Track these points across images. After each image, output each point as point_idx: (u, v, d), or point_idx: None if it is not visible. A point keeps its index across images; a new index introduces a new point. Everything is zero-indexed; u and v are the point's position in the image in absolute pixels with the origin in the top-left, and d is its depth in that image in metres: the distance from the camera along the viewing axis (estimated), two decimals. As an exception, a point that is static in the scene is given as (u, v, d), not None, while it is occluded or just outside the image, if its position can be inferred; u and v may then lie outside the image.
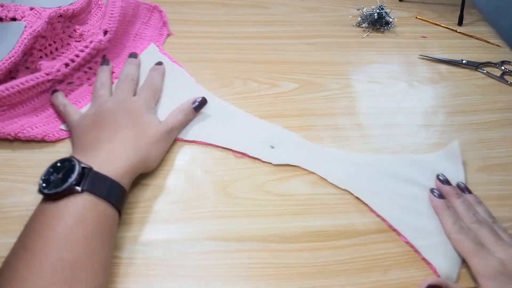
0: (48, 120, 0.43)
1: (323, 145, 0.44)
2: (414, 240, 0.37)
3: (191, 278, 0.34)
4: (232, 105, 0.46)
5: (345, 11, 0.61)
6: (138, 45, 0.50)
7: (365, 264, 0.36)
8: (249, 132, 0.44)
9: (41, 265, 0.28)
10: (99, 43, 0.46)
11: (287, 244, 0.37)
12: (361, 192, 0.40)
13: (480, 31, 0.61)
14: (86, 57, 0.45)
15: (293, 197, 0.40)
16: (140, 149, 0.37)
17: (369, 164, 0.42)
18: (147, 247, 0.35)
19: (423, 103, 0.50)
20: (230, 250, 0.36)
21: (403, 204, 0.39)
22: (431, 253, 0.36)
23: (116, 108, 0.39)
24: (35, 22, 0.44)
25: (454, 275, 0.35)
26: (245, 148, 0.42)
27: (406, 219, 0.38)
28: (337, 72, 0.52)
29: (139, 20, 0.52)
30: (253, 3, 0.61)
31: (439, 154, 0.44)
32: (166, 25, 0.53)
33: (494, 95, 0.52)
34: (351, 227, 0.38)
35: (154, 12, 0.54)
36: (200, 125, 0.44)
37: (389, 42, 0.58)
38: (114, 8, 0.48)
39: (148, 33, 0.52)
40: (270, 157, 0.42)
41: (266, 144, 0.43)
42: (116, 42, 0.49)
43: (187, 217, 0.38)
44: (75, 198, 0.31)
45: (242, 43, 0.54)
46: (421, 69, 0.54)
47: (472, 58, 0.56)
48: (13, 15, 0.45)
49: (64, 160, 0.33)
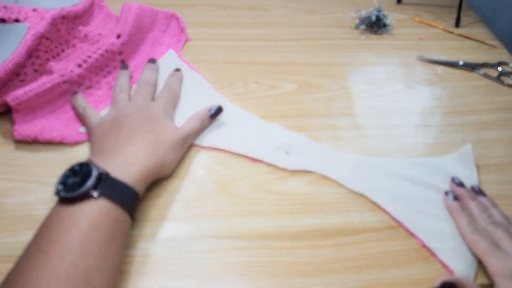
0: (67, 123, 0.43)
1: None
2: (430, 243, 0.37)
3: (192, 276, 0.34)
4: (247, 111, 0.46)
5: (343, 13, 0.62)
6: (156, 51, 0.51)
7: (364, 262, 0.36)
8: (264, 138, 0.44)
9: (56, 269, 0.28)
10: (112, 45, 0.46)
11: (287, 242, 0.37)
12: (377, 195, 0.40)
13: (477, 33, 0.61)
14: (100, 59, 0.46)
15: (292, 196, 0.40)
16: (156, 155, 0.37)
17: (384, 168, 0.42)
18: (148, 245, 0.36)
19: (420, 103, 0.51)
20: (231, 248, 0.36)
21: (419, 207, 0.40)
22: (447, 256, 0.36)
23: (135, 113, 0.40)
24: (38, 24, 0.44)
25: (470, 277, 0.36)
26: (261, 154, 0.42)
27: (421, 222, 0.39)
28: (336, 74, 0.53)
29: (157, 27, 0.53)
30: (253, 6, 0.61)
31: (452, 157, 0.44)
32: (183, 31, 0.54)
33: (491, 96, 0.53)
34: (350, 225, 0.39)
35: (172, 19, 0.54)
36: (216, 132, 0.44)
37: (387, 44, 0.58)
38: (129, 14, 0.49)
39: (167, 40, 0.53)
40: (285, 163, 0.42)
41: (281, 150, 0.43)
42: (134, 47, 0.49)
43: (188, 215, 0.38)
44: (91, 203, 0.31)
45: (242, 44, 0.55)
46: (419, 71, 0.55)
47: (469, 59, 0.56)
48: (16, 17, 0.45)
49: (82, 164, 0.33)
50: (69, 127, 0.43)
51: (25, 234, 0.32)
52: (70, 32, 0.48)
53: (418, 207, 0.40)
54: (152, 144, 0.38)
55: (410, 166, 0.43)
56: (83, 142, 0.42)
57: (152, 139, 0.38)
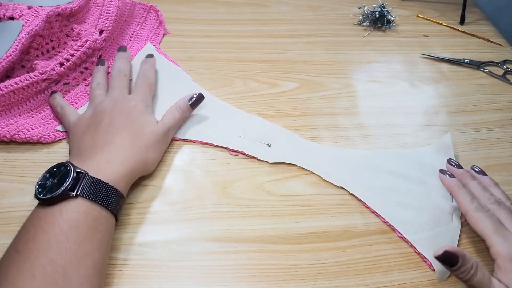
0: (44, 122, 0.42)
1: (321, 143, 0.44)
2: (408, 235, 0.37)
3: (191, 279, 0.34)
4: (229, 104, 0.46)
5: (346, 9, 0.61)
6: (134, 44, 0.50)
7: (366, 265, 0.36)
8: (246, 130, 0.43)
9: (32, 268, 0.28)
10: (95, 42, 0.45)
11: (287, 245, 0.36)
12: (356, 188, 0.40)
13: (482, 30, 0.60)
14: (82, 57, 0.45)
15: (293, 198, 0.39)
16: (137, 152, 0.37)
17: (363, 160, 0.42)
18: (146, 248, 0.35)
19: (424, 102, 0.50)
20: (230, 251, 0.36)
21: (396, 199, 0.39)
22: (425, 246, 0.36)
23: (113, 108, 0.39)
24: (33, 21, 0.44)
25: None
26: (242, 146, 0.42)
27: (400, 214, 0.38)
28: (338, 72, 0.52)
29: (135, 20, 0.52)
30: (254, 2, 0.60)
31: (430, 148, 0.44)
32: (162, 24, 0.53)
33: (496, 95, 0.52)
34: (352, 228, 0.38)
35: (150, 12, 0.53)
36: (198, 125, 0.43)
37: (390, 41, 0.57)
38: (110, 8, 0.48)
39: (145, 33, 0.52)
40: (266, 155, 0.41)
41: (263, 143, 0.42)
42: (112, 42, 0.49)
43: (186, 217, 0.37)
44: (69, 203, 0.31)
45: (242, 42, 0.54)
46: (423, 68, 0.54)
47: (474, 57, 0.55)
48: (11, 14, 0.45)
49: (59, 165, 0.33)
50: (46, 125, 0.42)
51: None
52: (63, 30, 0.47)
53: (395, 198, 0.39)
54: (132, 141, 0.37)
55: (390, 157, 0.43)
56: (60, 140, 0.41)
57: (132, 135, 0.37)
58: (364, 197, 0.39)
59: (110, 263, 0.34)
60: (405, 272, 0.36)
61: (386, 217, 0.38)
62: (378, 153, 0.43)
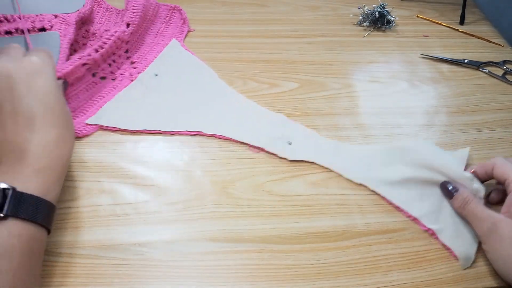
0: (74, 114, 0.42)
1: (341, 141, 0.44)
2: (431, 225, 0.38)
3: (191, 279, 0.34)
4: (252, 101, 0.46)
5: (346, 9, 0.61)
6: (159, 41, 0.52)
7: (366, 265, 0.36)
8: (267, 127, 0.44)
9: None
10: (123, 33, 0.47)
11: (287, 245, 0.36)
12: (376, 184, 0.40)
13: (482, 30, 0.60)
14: (113, 46, 0.46)
15: (293, 198, 0.39)
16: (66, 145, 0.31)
17: (381, 155, 0.43)
18: (146, 248, 0.35)
19: (424, 102, 0.50)
20: (230, 251, 0.35)
21: (417, 192, 0.40)
22: (448, 236, 0.37)
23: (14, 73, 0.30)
24: (66, 30, 0.45)
25: (471, 256, 0.36)
26: (263, 143, 0.42)
27: (421, 206, 0.39)
28: (338, 72, 0.52)
29: (160, 19, 0.54)
30: (253, 2, 0.60)
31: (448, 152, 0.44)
32: (186, 22, 0.55)
33: (496, 95, 0.52)
34: (352, 228, 0.38)
35: (174, 11, 0.55)
36: (220, 120, 0.44)
37: (390, 41, 0.57)
38: (136, 4, 0.49)
39: (169, 31, 0.53)
40: (286, 153, 0.42)
41: (283, 140, 0.43)
42: (138, 38, 0.50)
43: (186, 217, 0.37)
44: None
45: (241, 42, 0.54)
46: (423, 69, 0.54)
47: (474, 58, 0.55)
48: (41, 25, 0.45)
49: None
50: (76, 119, 0.42)
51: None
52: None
53: (416, 191, 0.40)
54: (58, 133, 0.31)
55: (409, 150, 0.42)
56: (91, 134, 0.42)
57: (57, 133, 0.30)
58: (386, 193, 0.40)
59: (110, 263, 0.34)
60: (405, 272, 0.36)
61: (410, 211, 0.39)
62: (395, 147, 0.43)
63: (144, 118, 0.43)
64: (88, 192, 0.38)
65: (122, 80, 0.46)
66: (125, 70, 0.47)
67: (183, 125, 0.43)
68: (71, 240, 0.35)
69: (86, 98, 0.44)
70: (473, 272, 0.36)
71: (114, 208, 0.37)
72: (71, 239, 0.35)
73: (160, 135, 0.43)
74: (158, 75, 0.47)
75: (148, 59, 0.49)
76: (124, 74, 0.47)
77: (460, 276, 0.36)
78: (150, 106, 0.44)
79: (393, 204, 0.39)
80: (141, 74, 0.47)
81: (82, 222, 0.36)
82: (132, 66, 0.48)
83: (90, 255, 0.34)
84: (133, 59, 0.49)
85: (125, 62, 0.48)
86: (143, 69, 0.48)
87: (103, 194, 0.38)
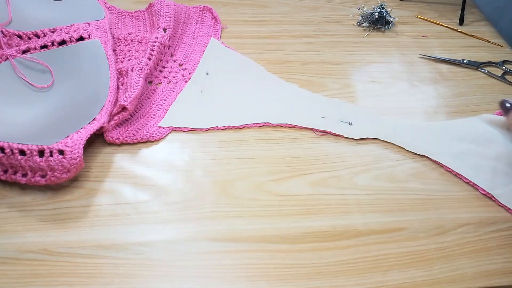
0: (144, 120, 0.43)
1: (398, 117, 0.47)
2: (490, 190, 0.41)
3: (191, 279, 0.34)
4: (306, 90, 0.48)
5: (345, 10, 0.61)
6: (198, 41, 0.53)
7: (366, 264, 0.36)
8: (327, 112, 0.46)
9: None
10: (163, 38, 0.49)
11: (287, 245, 0.36)
12: (437, 155, 0.43)
13: (481, 31, 0.60)
14: (159, 52, 0.48)
15: (293, 197, 0.39)
16: None
17: (437, 130, 0.46)
18: (146, 247, 0.35)
19: (423, 103, 0.50)
20: (230, 250, 0.36)
21: (475, 162, 0.43)
22: (508, 198, 0.40)
23: None
24: (104, 37, 0.46)
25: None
26: (326, 126, 0.44)
27: (479, 174, 0.42)
28: (338, 72, 0.52)
29: (192, 21, 0.55)
30: (253, 2, 0.60)
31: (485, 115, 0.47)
32: (218, 20, 0.56)
33: (495, 95, 0.52)
34: (352, 228, 0.38)
35: (204, 11, 0.56)
36: (282, 110, 0.46)
37: (389, 42, 0.57)
38: (168, 9, 0.51)
39: (205, 30, 0.55)
40: (350, 132, 0.44)
41: (344, 121, 0.45)
42: (177, 40, 0.52)
43: (187, 217, 0.37)
44: None
45: (241, 42, 0.54)
46: (422, 69, 0.54)
47: (473, 58, 0.55)
48: (79, 35, 0.45)
49: None
50: (148, 123, 0.43)
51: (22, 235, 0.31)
52: None
53: (474, 161, 0.43)
54: None
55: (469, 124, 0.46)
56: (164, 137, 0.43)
57: None
58: (447, 163, 0.43)
59: (110, 262, 0.34)
60: (405, 271, 0.36)
61: (469, 177, 0.42)
62: (456, 122, 0.47)
63: (212, 116, 0.45)
64: (88, 192, 0.38)
65: (177, 83, 0.48)
66: (176, 72, 0.49)
67: (250, 118, 0.45)
68: (72, 239, 0.35)
69: (150, 104, 0.45)
70: (473, 272, 0.36)
71: (114, 207, 0.37)
72: (72, 239, 0.35)
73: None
74: (208, 74, 0.48)
75: (194, 59, 0.50)
76: (177, 76, 0.48)
77: (460, 276, 0.36)
78: (211, 104, 0.46)
79: (453, 172, 0.42)
80: (193, 75, 0.48)
81: (83, 222, 0.36)
82: (182, 68, 0.49)
83: (90, 254, 0.34)
84: (180, 62, 0.50)
85: (173, 65, 0.49)
86: (192, 69, 0.49)
87: (104, 194, 0.38)
